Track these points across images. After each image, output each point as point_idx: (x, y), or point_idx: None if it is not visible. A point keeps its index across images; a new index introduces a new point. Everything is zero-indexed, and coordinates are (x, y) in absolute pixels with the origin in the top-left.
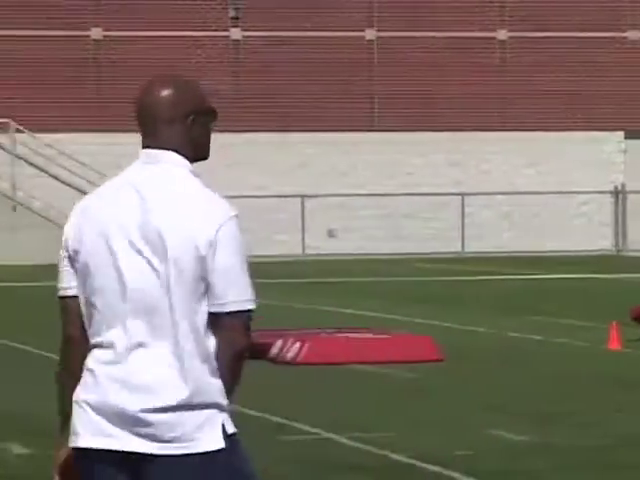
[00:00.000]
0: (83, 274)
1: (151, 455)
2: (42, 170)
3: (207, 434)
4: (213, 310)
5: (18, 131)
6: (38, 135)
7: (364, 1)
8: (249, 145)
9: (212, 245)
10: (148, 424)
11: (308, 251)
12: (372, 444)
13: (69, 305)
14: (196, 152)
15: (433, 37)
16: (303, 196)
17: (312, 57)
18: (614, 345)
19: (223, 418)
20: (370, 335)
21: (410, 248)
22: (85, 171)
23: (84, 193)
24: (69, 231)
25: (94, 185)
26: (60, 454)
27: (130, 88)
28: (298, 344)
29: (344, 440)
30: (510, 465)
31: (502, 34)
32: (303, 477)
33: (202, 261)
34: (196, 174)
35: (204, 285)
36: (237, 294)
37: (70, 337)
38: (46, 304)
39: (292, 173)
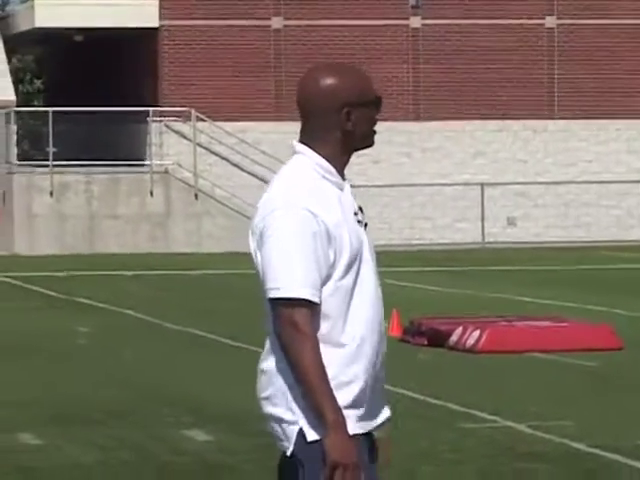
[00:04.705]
0: None
1: None
2: (223, 159)
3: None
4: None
5: (199, 120)
6: (219, 124)
7: None
8: (428, 133)
9: (260, 235)
10: None
11: (488, 239)
12: (552, 432)
13: None
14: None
15: (611, 24)
16: (483, 184)
17: (492, 45)
18: None
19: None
20: (549, 323)
21: (589, 236)
22: (266, 159)
23: (265, 182)
24: None
25: (275, 174)
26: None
27: None
28: (478, 332)
29: (523, 428)
30: None
31: None
32: (482, 464)
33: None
34: (325, 169)
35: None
36: (269, 282)
37: None
38: (229, 291)
39: (472, 161)
